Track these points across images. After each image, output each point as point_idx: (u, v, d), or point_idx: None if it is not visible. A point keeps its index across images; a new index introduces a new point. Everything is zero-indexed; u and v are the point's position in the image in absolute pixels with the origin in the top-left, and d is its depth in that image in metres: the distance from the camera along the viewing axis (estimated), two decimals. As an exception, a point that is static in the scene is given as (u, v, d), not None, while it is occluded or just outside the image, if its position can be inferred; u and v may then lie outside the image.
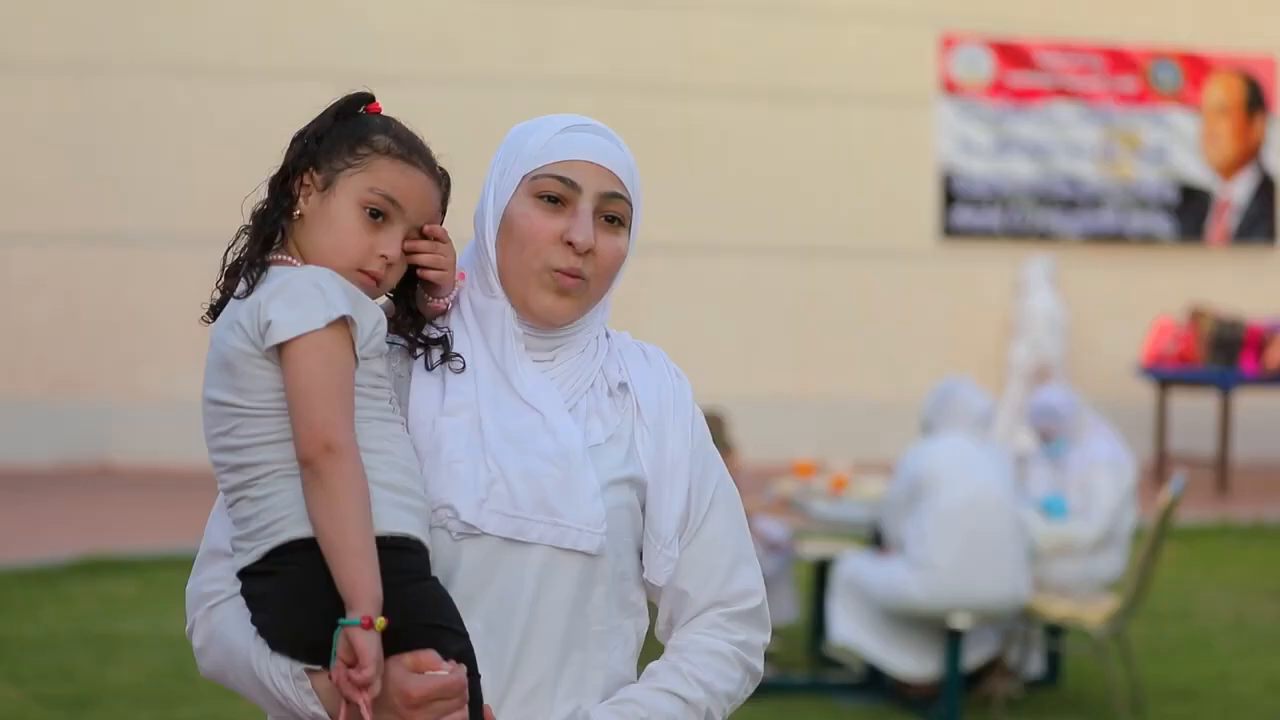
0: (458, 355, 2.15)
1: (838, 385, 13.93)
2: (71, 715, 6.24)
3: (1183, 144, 14.61)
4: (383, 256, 2.09)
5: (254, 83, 12.83)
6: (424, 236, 2.14)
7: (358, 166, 2.09)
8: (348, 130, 2.12)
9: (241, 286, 2.08)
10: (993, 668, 6.79)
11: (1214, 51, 14.70)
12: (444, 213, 2.18)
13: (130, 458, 12.66)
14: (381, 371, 2.09)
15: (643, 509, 2.18)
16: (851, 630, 6.63)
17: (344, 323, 2.02)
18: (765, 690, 6.85)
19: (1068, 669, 7.23)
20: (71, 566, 8.89)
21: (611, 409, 2.18)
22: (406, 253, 2.13)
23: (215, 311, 2.14)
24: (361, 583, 1.94)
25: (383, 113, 2.17)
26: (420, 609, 2.00)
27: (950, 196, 14.16)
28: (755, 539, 7.19)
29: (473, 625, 2.06)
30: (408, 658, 1.97)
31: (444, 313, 2.19)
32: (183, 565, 8.80)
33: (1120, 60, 14.47)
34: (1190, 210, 14.63)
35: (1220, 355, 12.99)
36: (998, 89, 14.22)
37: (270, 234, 2.11)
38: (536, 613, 2.10)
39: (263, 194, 2.16)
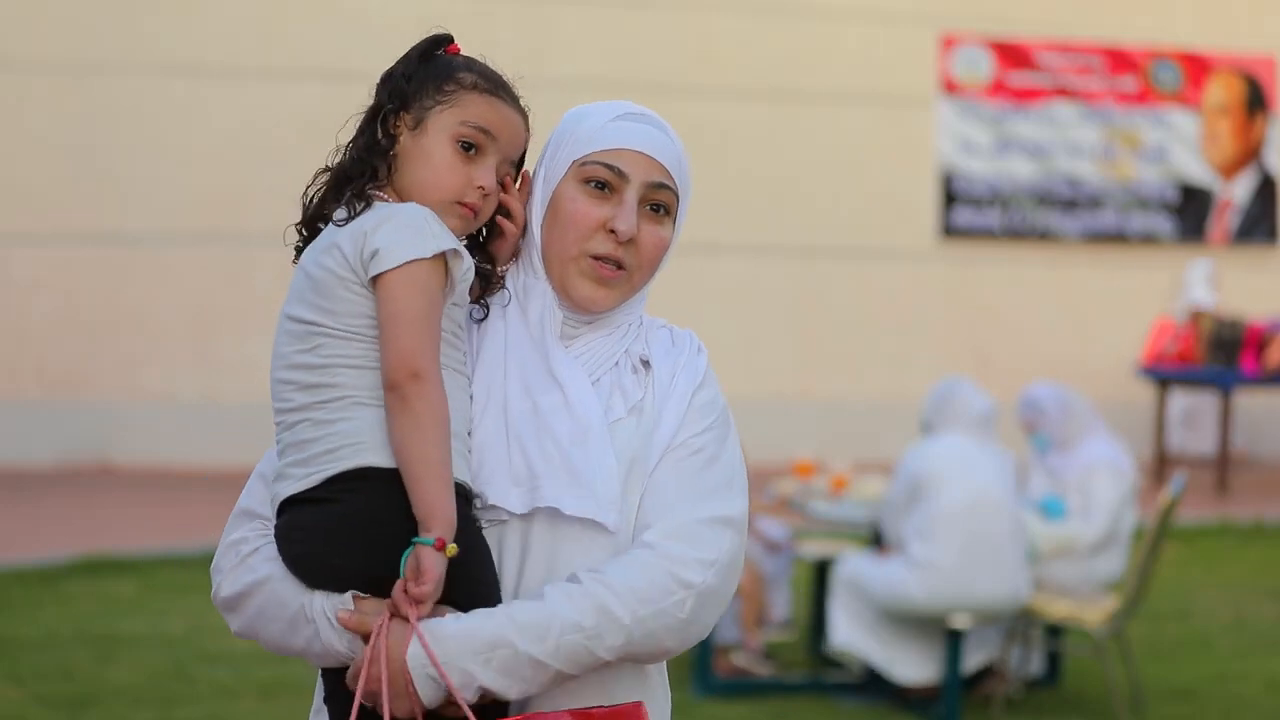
0: (484, 305, 2.18)
1: (838, 385, 13.93)
2: (71, 715, 6.24)
3: (1183, 144, 14.60)
4: (479, 188, 2.12)
5: (254, 83, 12.83)
6: (512, 178, 2.18)
7: (446, 102, 2.13)
8: (432, 70, 2.15)
9: (342, 214, 2.09)
10: (992, 668, 6.79)
11: (1214, 51, 14.69)
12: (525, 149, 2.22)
13: (130, 458, 12.66)
14: (461, 321, 2.13)
15: None
16: (851, 635, 6.63)
17: (444, 258, 2.05)
18: (765, 690, 6.86)
19: (1068, 669, 7.23)
20: (71, 566, 8.89)
21: (634, 384, 2.19)
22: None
23: (300, 254, 2.15)
24: (440, 505, 1.98)
25: (460, 52, 2.20)
26: (475, 565, 2.05)
27: (950, 196, 14.15)
28: (755, 539, 7.20)
29: None
30: None
31: (507, 261, 2.21)
32: (183, 565, 8.84)
33: (1120, 60, 14.47)
34: (1190, 210, 14.63)
35: (1220, 355, 12.98)
36: (998, 89, 14.21)
37: (373, 169, 2.12)
38: None
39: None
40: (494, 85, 2.16)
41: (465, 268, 2.09)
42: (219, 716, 6.28)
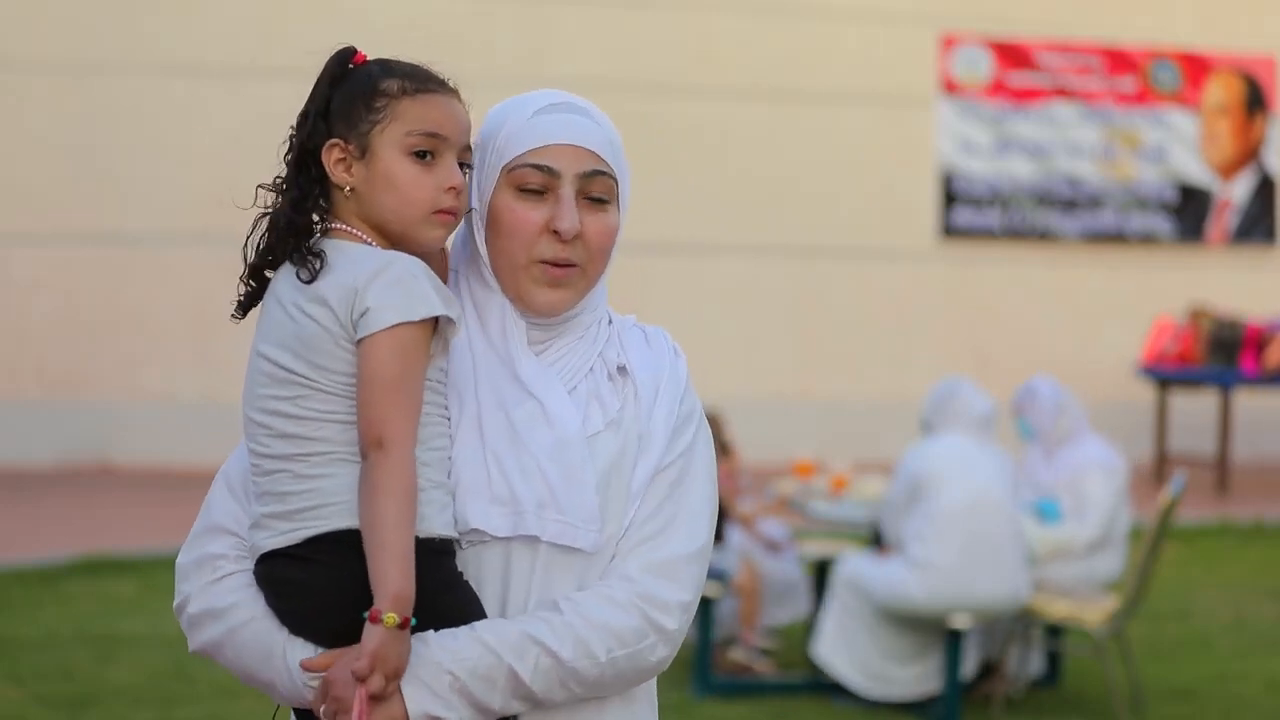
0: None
1: (838, 385, 13.93)
2: (71, 715, 6.24)
3: (1182, 144, 14.60)
4: (451, 189, 2.06)
5: (254, 83, 12.82)
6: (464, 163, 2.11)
7: (384, 119, 2.05)
8: (353, 91, 2.07)
9: (304, 274, 2.02)
10: (991, 668, 6.79)
11: (1214, 51, 14.70)
12: None
13: (130, 458, 12.66)
14: (445, 367, 2.08)
15: None
16: (832, 653, 6.62)
17: (432, 321, 2.00)
18: (765, 690, 6.85)
19: (1068, 669, 7.23)
20: (71, 566, 8.89)
21: (611, 393, 2.14)
22: None
23: (245, 308, 2.10)
24: (384, 578, 1.93)
25: (368, 59, 2.11)
26: (466, 612, 2.03)
27: (950, 196, 14.15)
28: (756, 539, 7.20)
29: None
30: None
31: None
32: (183, 565, 8.82)
33: (1120, 60, 14.47)
34: (1190, 210, 14.63)
35: (1219, 355, 12.98)
36: (998, 89, 14.22)
37: (307, 223, 2.06)
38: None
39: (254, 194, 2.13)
40: (420, 82, 2.07)
41: (457, 326, 2.04)
42: (219, 716, 6.28)
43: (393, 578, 1.93)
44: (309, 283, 2.01)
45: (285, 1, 13.07)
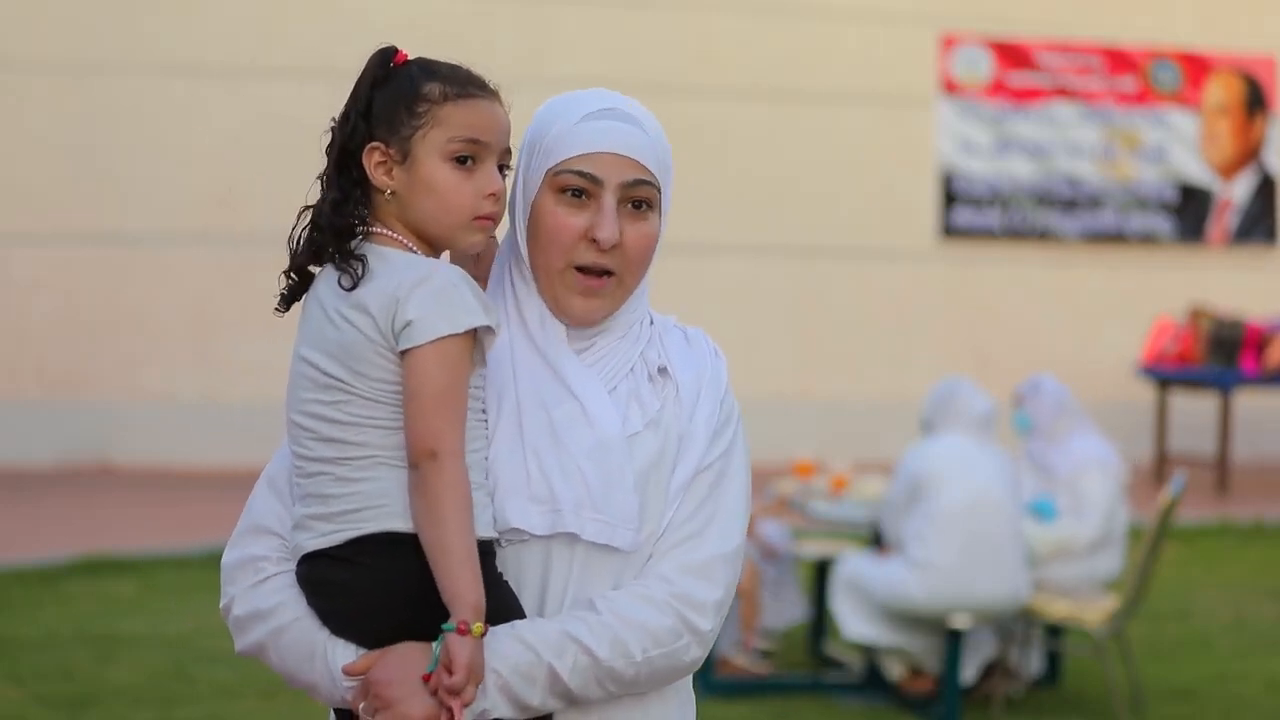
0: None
1: (838, 385, 13.92)
2: (71, 715, 6.24)
3: (1182, 144, 14.60)
4: (491, 195, 2.07)
5: (254, 83, 12.82)
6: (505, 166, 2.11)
7: (425, 125, 2.05)
8: (395, 94, 2.07)
9: (347, 280, 2.03)
10: (993, 668, 6.79)
11: (1214, 51, 14.69)
12: None
13: (130, 458, 12.65)
14: (484, 372, 2.09)
15: None
16: (863, 627, 6.62)
17: (475, 331, 2.01)
18: (765, 690, 6.86)
19: (1068, 669, 7.23)
20: (71, 566, 8.89)
21: (651, 394, 2.15)
22: None
23: (288, 301, 2.11)
24: (460, 589, 1.95)
25: (409, 58, 2.11)
26: (506, 611, 2.04)
27: (950, 196, 14.15)
28: (754, 542, 7.20)
29: None
30: None
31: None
32: (183, 565, 8.84)
33: (1120, 60, 14.46)
34: (1190, 210, 14.62)
35: (1220, 355, 12.98)
36: (998, 89, 14.21)
37: (348, 224, 2.06)
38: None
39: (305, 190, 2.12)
40: (461, 86, 2.07)
41: (496, 334, 2.05)
42: (219, 716, 6.28)
43: (469, 587, 1.95)
44: (351, 289, 2.02)
45: (285, 1, 13.07)
